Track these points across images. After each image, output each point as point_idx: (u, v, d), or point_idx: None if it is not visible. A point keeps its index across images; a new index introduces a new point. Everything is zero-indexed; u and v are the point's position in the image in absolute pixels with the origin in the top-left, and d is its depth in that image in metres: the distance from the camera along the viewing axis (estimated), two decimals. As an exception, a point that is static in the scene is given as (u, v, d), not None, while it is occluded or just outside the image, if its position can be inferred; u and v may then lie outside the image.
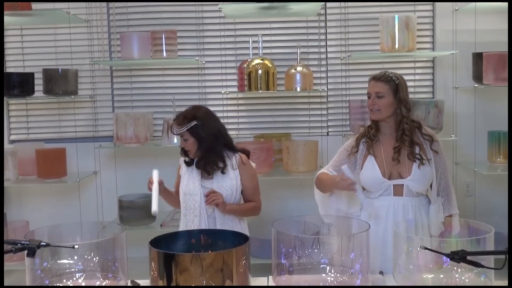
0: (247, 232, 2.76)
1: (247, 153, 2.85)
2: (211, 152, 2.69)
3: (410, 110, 2.61)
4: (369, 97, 2.61)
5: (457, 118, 4.15)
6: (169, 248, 2.08)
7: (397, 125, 2.60)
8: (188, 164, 2.80)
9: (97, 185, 4.27)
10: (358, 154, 2.65)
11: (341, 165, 2.64)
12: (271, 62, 3.91)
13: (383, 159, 2.59)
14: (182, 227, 2.79)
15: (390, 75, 2.60)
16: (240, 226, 2.78)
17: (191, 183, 2.74)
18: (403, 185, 2.56)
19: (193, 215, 2.72)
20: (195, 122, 2.65)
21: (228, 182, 2.71)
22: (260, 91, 3.88)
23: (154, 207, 2.59)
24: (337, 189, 2.59)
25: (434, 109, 3.83)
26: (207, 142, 2.67)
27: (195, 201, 2.72)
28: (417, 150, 2.57)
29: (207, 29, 4.32)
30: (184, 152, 2.79)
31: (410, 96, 2.60)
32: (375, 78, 2.61)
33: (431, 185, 2.61)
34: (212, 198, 2.65)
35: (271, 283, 2.18)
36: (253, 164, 2.84)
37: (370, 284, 2.10)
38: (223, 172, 2.72)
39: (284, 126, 4.39)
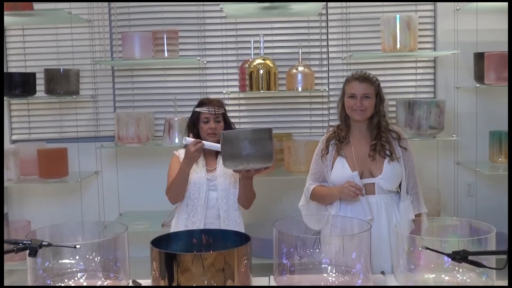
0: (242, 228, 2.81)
1: None
2: None
3: None
4: (352, 97, 2.60)
5: (459, 118, 4.15)
6: (170, 248, 2.08)
7: (373, 124, 2.63)
8: None
9: (98, 185, 4.27)
10: (328, 156, 2.67)
11: (318, 172, 2.70)
12: (272, 62, 3.91)
13: (353, 159, 2.61)
14: (182, 219, 2.80)
15: (370, 76, 2.64)
16: (238, 221, 2.82)
17: (195, 173, 2.80)
18: (374, 183, 2.59)
19: (198, 205, 2.77)
20: (224, 110, 2.90)
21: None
22: (262, 91, 3.88)
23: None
24: (343, 198, 2.60)
25: (436, 109, 3.83)
26: (232, 127, 2.91)
27: (200, 191, 2.78)
28: (387, 147, 2.62)
29: (209, 29, 4.33)
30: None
31: (412, 96, 2.63)
32: (359, 79, 2.61)
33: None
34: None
35: (272, 283, 2.18)
36: None
37: (371, 284, 2.10)
38: None
39: (285, 126, 4.39)
